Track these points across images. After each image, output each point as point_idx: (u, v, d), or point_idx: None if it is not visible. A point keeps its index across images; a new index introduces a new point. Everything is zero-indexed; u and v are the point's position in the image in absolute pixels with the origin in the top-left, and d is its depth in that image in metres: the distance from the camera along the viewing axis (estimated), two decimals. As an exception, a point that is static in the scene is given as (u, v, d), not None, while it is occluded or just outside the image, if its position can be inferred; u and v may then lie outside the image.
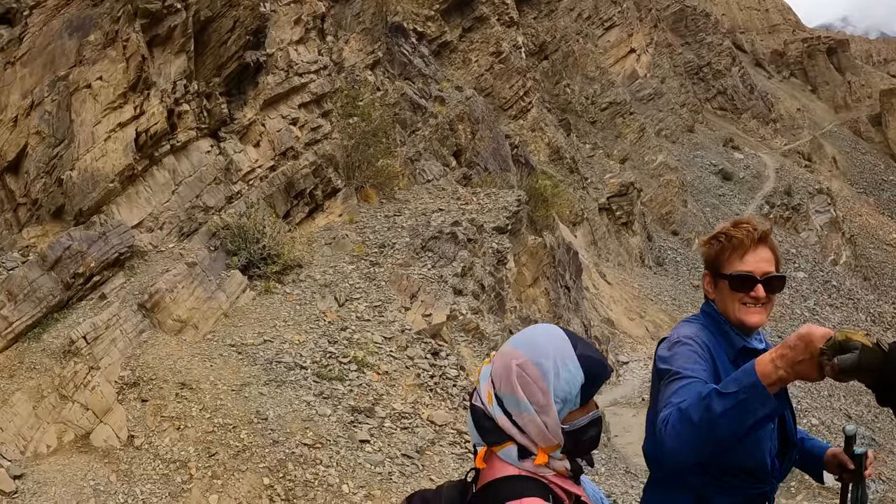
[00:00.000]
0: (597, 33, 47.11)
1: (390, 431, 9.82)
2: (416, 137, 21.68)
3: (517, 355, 2.27)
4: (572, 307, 22.57)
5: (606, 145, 41.10)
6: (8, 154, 12.33)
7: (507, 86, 31.76)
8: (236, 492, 8.43)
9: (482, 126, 24.92)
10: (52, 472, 8.53)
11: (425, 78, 24.30)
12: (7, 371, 9.72)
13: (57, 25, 12.81)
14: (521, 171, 26.71)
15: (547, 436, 2.24)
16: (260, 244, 13.12)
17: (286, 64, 16.05)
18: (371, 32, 21.36)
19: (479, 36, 31.68)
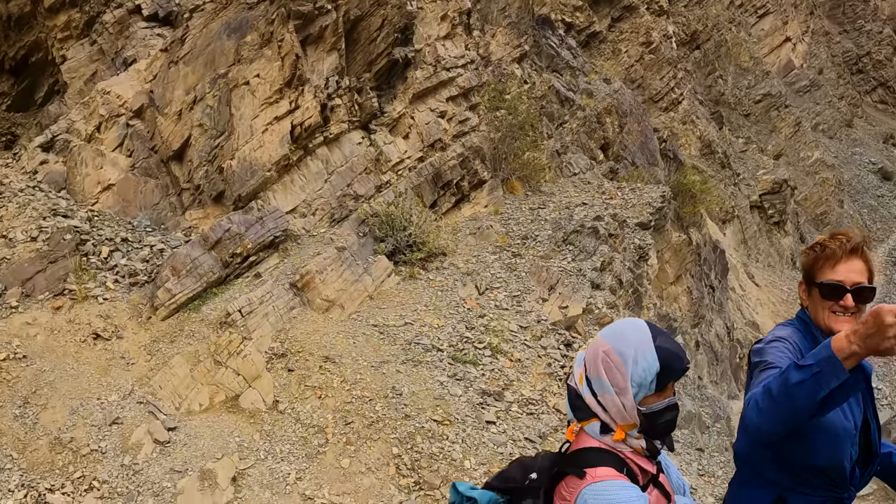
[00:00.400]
0: (750, 21, 44.99)
1: (516, 416, 10.22)
2: (563, 130, 21.73)
3: (604, 344, 2.66)
4: (716, 308, 22.02)
5: (760, 140, 39.41)
6: (173, 144, 13.52)
7: (658, 77, 31.08)
8: (367, 458, 9.09)
9: (630, 119, 24.68)
10: (202, 427, 9.43)
11: (573, 70, 24.29)
12: (169, 337, 10.80)
13: (216, 27, 13.89)
14: (668, 166, 26.23)
15: (624, 415, 2.61)
16: (406, 232, 13.69)
17: (434, 59, 16.60)
18: (517, 26, 21.60)
19: (629, 25, 31.17)
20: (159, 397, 9.82)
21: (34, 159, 13.83)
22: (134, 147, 13.71)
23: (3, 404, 9.15)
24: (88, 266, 11.62)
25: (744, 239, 30.78)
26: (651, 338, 2.62)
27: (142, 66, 14.80)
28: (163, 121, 13.60)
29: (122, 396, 9.69)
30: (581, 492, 2.55)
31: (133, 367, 10.28)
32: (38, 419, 9.10)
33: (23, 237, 11.82)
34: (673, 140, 28.57)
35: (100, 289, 11.26)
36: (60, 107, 16.23)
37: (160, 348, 10.59)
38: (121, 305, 11.11)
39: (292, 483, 8.72)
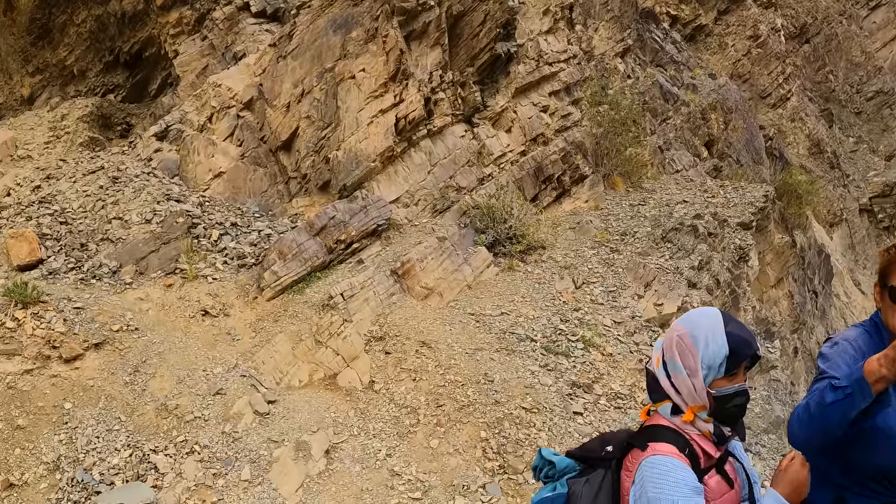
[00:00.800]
0: (861, 14, 43.04)
1: (604, 409, 10.24)
2: (666, 126, 21.44)
3: (680, 329, 2.85)
4: (818, 314, 21.31)
5: (872, 139, 37.74)
6: (282, 135, 13.99)
7: (766, 72, 30.16)
8: (455, 440, 9.28)
9: (735, 116, 24.14)
10: (301, 402, 9.80)
11: (677, 65, 23.92)
12: (273, 316, 11.26)
13: (322, 23, 14.29)
14: (774, 165, 25.50)
15: (694, 396, 2.79)
16: (507, 224, 13.82)
17: (536, 54, 16.65)
18: (620, 20, 21.40)
19: (735, 18, 30.37)
20: (261, 372, 10.26)
21: (149, 147, 14.56)
22: (244, 137, 14.27)
23: (115, 371, 9.73)
24: (199, 248, 12.21)
25: (851, 244, 29.64)
26: (723, 324, 2.78)
27: (251, 61, 15.36)
28: (272, 112, 14.10)
29: (226, 369, 10.16)
30: (641, 463, 2.74)
31: (238, 343, 10.77)
32: (147, 386, 9.65)
33: (138, 219, 12.51)
34: (780, 138, 27.76)
35: (209, 269, 11.83)
36: (173, 98, 17.00)
37: (264, 327, 11.05)
38: (229, 285, 11.64)
39: (382, 459, 9.00)
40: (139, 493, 8.17)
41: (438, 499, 8.53)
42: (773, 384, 15.84)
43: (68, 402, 9.16)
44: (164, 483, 8.47)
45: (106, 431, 8.94)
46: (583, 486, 2.99)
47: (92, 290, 11.25)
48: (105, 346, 10.01)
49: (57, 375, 9.42)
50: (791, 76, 31.26)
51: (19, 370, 9.27)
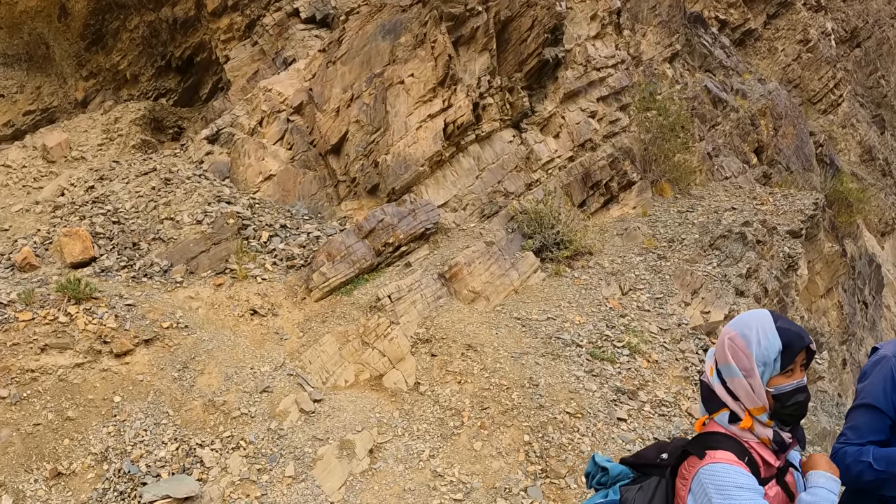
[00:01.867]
0: (914, 15, 42.24)
1: (648, 415, 10.17)
2: (715, 132, 21.26)
3: (730, 332, 2.85)
4: (868, 325, 20.95)
5: (925, 145, 37.09)
6: (331, 139, 14.14)
7: (816, 77, 29.74)
8: (498, 443, 9.29)
9: (785, 121, 23.84)
10: (346, 401, 9.89)
11: (726, 70, 23.71)
12: (321, 317, 11.37)
13: (371, 29, 14.44)
14: (825, 172, 25.13)
15: (753, 397, 2.75)
16: (554, 230, 13.81)
17: (584, 59, 16.61)
18: (668, 24, 21.28)
19: (785, 22, 30.00)
20: (308, 371, 10.38)
21: (200, 150, 14.82)
22: (294, 141, 14.46)
23: (164, 367, 9.91)
24: (249, 249, 12.39)
25: (903, 254, 29.12)
26: (772, 321, 2.78)
27: (301, 66, 15.56)
28: (321, 117, 14.26)
29: (273, 368, 10.29)
30: (698, 471, 2.70)
31: (286, 342, 10.91)
32: (195, 382, 9.82)
33: (189, 220, 12.74)
34: (830, 145, 27.35)
35: (259, 269, 12.00)
36: (224, 103, 17.27)
37: (312, 327, 11.18)
38: (277, 286, 11.80)
39: (425, 460, 9.06)
40: (185, 485, 8.32)
41: (480, 501, 8.56)
42: (820, 395, 15.62)
43: (117, 396, 9.37)
44: (210, 477, 8.61)
45: (154, 425, 9.12)
46: (636, 493, 2.98)
47: (143, 288, 11.49)
48: (155, 342, 10.21)
49: (107, 370, 9.64)
50: (842, 81, 30.76)
51: (71, 363, 9.51)
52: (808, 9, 30.94)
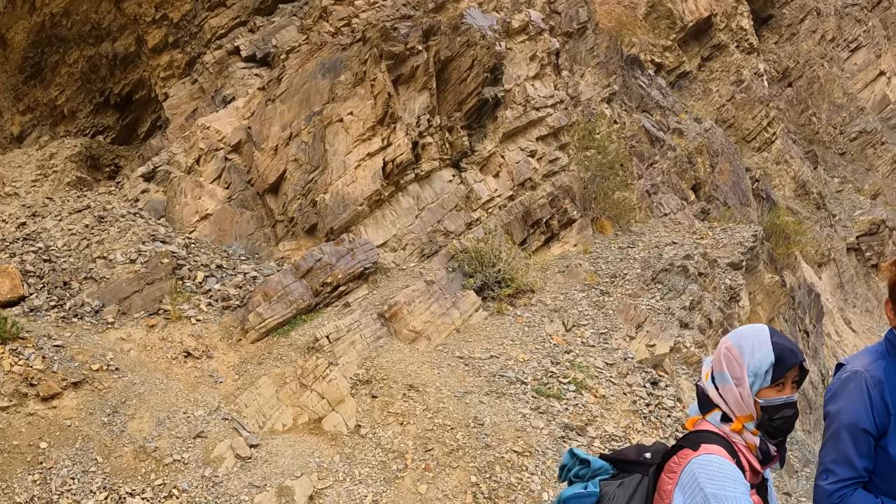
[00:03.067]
0: (842, 56, 43.72)
1: (598, 451, 10.05)
2: (653, 170, 21.56)
3: (727, 342, 2.91)
4: (810, 353, 21.32)
5: (856, 179, 38.13)
6: (269, 177, 13.95)
7: (750, 116, 30.57)
8: (444, 485, 9.08)
9: (721, 159, 24.34)
10: (284, 446, 9.58)
11: (663, 110, 24.15)
12: (257, 359, 11.07)
13: (311, 67, 14.35)
14: (761, 207, 25.69)
15: (741, 404, 2.81)
16: (495, 268, 13.74)
17: (523, 99, 16.73)
18: (606, 66, 21.61)
19: (719, 64, 30.85)
20: (244, 415, 10.05)
21: (136, 188, 14.49)
22: (231, 180, 14.22)
23: (94, 411, 9.54)
24: (183, 289, 12.06)
25: (840, 283, 29.73)
26: (769, 335, 2.84)
27: (240, 104, 15.38)
28: (259, 155, 14.06)
29: (208, 412, 9.96)
30: (689, 462, 2.73)
31: (221, 385, 10.57)
32: (125, 428, 9.45)
33: (122, 259, 12.38)
34: (766, 180, 28.00)
35: (193, 310, 11.67)
36: (162, 140, 16.99)
37: (248, 369, 10.87)
38: (212, 327, 11.47)
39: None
40: (116, 539, 7.94)
41: (427, 546, 8.32)
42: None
43: (44, 442, 8.98)
44: (142, 529, 8.25)
45: (82, 473, 8.74)
46: (616, 488, 2.99)
47: (73, 329, 11.09)
48: (84, 385, 9.84)
49: (34, 414, 9.25)
50: (775, 119, 31.62)
51: (-5, 407, 9.11)
52: (741, 51, 31.84)
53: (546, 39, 17.55)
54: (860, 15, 46.30)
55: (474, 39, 15.00)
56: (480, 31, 15.13)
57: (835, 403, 3.20)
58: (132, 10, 17.60)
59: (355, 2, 15.53)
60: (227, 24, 17.54)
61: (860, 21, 45.68)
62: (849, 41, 44.49)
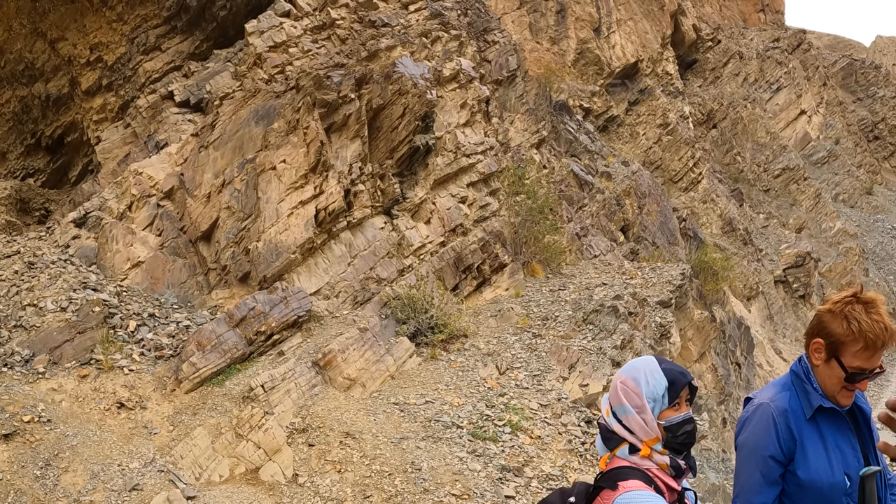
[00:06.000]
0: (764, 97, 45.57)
1: (536, 491, 10.22)
2: (582, 213, 22.03)
3: (621, 377, 3.11)
4: (742, 384, 21.90)
5: (781, 214, 39.55)
6: (202, 225, 13.93)
7: (677, 157, 31.56)
8: (385, 532, 9.14)
9: (649, 200, 25.00)
10: (222, 497, 9.50)
11: (591, 154, 24.76)
12: (191, 409, 10.97)
13: (245, 114, 14.43)
14: (689, 245, 26.43)
15: (646, 429, 3.01)
16: (428, 314, 13.86)
17: (454, 146, 16.99)
18: (535, 112, 22.12)
19: (645, 108, 31.86)
20: (180, 467, 9.95)
21: (67, 234, 14.29)
22: (163, 227, 14.14)
23: (25, 465, 9.35)
24: (115, 338, 11.92)
25: (769, 315, 30.64)
26: (657, 363, 3.08)
27: (173, 150, 15.34)
28: (192, 202, 14.04)
29: (143, 464, 9.84)
30: (613, 501, 2.86)
31: (155, 436, 10.46)
32: (59, 481, 9.28)
33: (53, 307, 12.18)
34: (693, 219, 28.83)
35: (126, 360, 11.53)
36: (93, 185, 16.79)
37: (183, 420, 10.77)
38: (145, 377, 11.35)
39: (310, 556, 8.77)
40: None
41: None
42: (706, 453, 16.15)
43: (-26, 499, 8.77)
44: (76, 588, 8.08)
45: (14, 531, 8.55)
46: None
47: (2, 379, 10.86)
48: (15, 437, 9.65)
49: (-38, 470, 9.02)
50: (701, 160, 32.66)
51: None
52: (667, 94, 32.95)
53: (476, 87, 17.92)
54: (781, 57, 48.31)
55: (406, 88, 15.27)
56: (412, 80, 15.41)
57: (744, 435, 3.44)
58: (67, 50, 17.48)
59: (289, 49, 15.68)
60: (162, 69, 17.52)
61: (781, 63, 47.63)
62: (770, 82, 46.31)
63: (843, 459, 3.29)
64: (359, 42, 16.14)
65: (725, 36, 46.13)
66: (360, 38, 16.23)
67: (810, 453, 3.26)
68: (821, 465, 3.26)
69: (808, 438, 3.29)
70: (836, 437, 3.31)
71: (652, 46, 34.67)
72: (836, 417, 3.33)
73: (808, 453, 3.26)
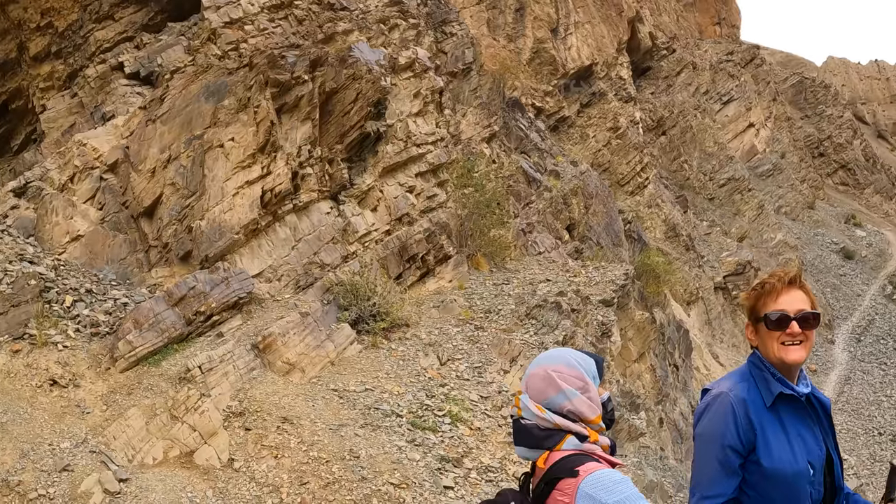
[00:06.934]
0: (715, 108, 46.53)
1: (475, 482, 10.24)
2: (529, 210, 22.16)
3: (546, 367, 3.00)
4: (679, 386, 22.27)
5: (724, 223, 40.42)
6: (144, 201, 13.60)
7: (625, 161, 32.01)
8: (322, 520, 9.04)
9: (596, 201, 25.26)
10: (155, 480, 9.30)
11: (541, 152, 24.91)
12: (126, 389, 10.69)
13: (195, 90, 14.11)
14: (633, 247, 26.78)
15: (594, 407, 2.96)
16: (370, 302, 13.80)
17: (405, 135, 16.92)
18: (488, 107, 22.17)
19: (597, 111, 32.23)
20: (112, 448, 9.70)
21: (5, 203, 13.84)
22: (105, 200, 13.78)
23: (-47, 443, 9.04)
24: (51, 313, 11.56)
25: (708, 320, 31.22)
26: (572, 349, 3.08)
27: (119, 122, 14.97)
28: (136, 177, 13.71)
29: (74, 444, 9.57)
30: (579, 486, 2.71)
31: (88, 416, 10.17)
32: (-14, 460, 8.99)
33: (-14, 280, 11.79)
34: (637, 222, 29.21)
35: (60, 336, 11.20)
36: (36, 155, 16.34)
37: (117, 399, 10.50)
38: (80, 354, 11.04)
39: (244, 541, 8.63)
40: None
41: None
42: (644, 451, 16.39)
43: None
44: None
45: (-63, 509, 8.26)
46: None
47: (-69, 353, 10.50)
48: (-58, 414, 9.31)
49: None
50: (648, 165, 33.13)
51: None
52: (619, 99, 33.33)
53: (431, 78, 17.86)
54: (734, 70, 49.32)
55: (361, 73, 15.16)
56: (367, 66, 15.31)
57: (702, 425, 3.38)
58: (17, 14, 16.94)
59: (245, 26, 15.41)
60: (114, 39, 17.07)
61: (733, 76, 48.66)
62: (722, 94, 47.26)
63: (805, 447, 3.28)
64: (316, 24, 15.94)
65: (681, 46, 46.90)
66: (318, 19, 16.03)
67: (772, 442, 3.24)
68: (783, 454, 3.25)
69: (769, 427, 3.28)
70: (798, 425, 3.30)
71: (608, 51, 35.04)
72: (796, 406, 3.33)
73: (770, 442, 3.24)
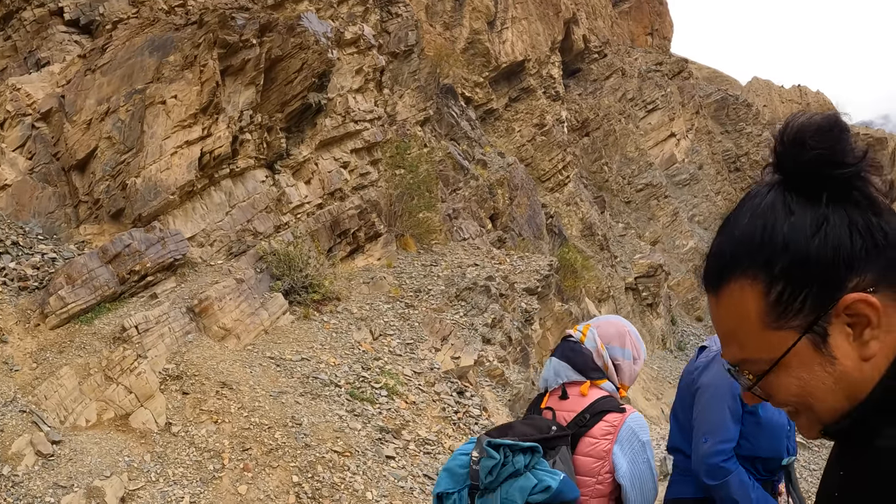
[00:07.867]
0: (639, 115, 47.75)
1: (414, 453, 10.26)
2: (456, 196, 22.31)
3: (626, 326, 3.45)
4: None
5: (639, 226, 41.56)
6: (77, 153, 13.01)
7: (547, 158, 32.50)
8: (265, 485, 8.83)
9: (520, 193, 25.58)
10: (89, 443, 8.91)
11: (470, 141, 25.10)
12: (58, 347, 10.19)
13: (139, 42, 13.61)
14: (553, 241, 27.25)
15: (632, 377, 3.40)
16: (303, 273, 13.63)
17: (344, 110, 16.80)
18: (424, 90, 22.20)
19: (525, 107, 32.62)
20: (44, 408, 9.22)
21: (-76, 150, 13.09)
22: (36, 150, 13.15)
23: None
24: (-24, 264, 11.00)
25: (618, 318, 31.86)
26: None
27: (56, 69, 14.32)
28: (70, 128, 13.14)
29: (3, 403, 9.05)
30: (626, 421, 3.18)
31: (16, 374, 9.65)
32: None
33: None
34: (558, 218, 29.73)
35: (-13, 289, 10.64)
36: (-40, 100, 15.47)
37: (47, 357, 10.00)
38: (7, 309, 10.48)
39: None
40: None
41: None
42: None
43: None
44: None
45: None
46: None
47: None
48: None
49: None
50: (570, 164, 33.71)
51: None
52: (547, 97, 33.82)
53: (374, 56, 17.76)
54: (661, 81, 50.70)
55: (307, 43, 14.92)
56: (315, 36, 15.09)
57: (707, 376, 3.63)
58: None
59: (190, -16, 15.02)
60: (54, -18, 16.32)
61: (660, 86, 49.99)
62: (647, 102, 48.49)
63: None
64: (267, -12, 15.67)
65: (612, 51, 47.94)
66: (269, -17, 15.75)
67: None
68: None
69: None
70: None
71: (541, 48, 35.51)
72: None
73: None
